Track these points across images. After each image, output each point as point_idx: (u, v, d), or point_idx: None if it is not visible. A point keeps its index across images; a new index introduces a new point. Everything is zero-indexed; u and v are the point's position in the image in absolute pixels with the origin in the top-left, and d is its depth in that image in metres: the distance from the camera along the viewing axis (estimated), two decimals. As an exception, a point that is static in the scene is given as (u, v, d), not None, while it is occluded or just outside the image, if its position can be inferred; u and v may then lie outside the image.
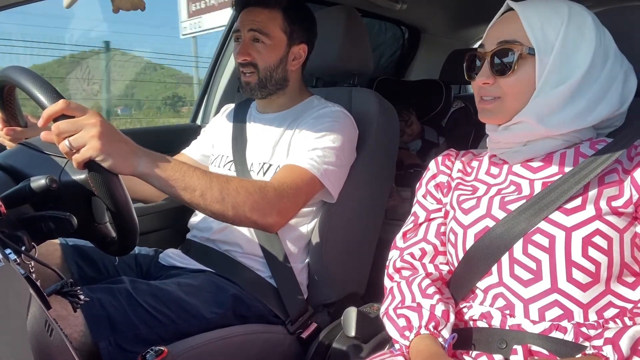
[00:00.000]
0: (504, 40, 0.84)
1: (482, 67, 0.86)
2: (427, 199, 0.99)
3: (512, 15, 0.86)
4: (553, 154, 0.86)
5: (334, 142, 1.22)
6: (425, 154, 2.50)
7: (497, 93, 0.85)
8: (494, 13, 0.90)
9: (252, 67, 1.28)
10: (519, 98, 0.84)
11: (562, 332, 0.77)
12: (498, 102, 0.86)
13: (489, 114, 0.88)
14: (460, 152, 1.01)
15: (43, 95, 0.80)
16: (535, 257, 0.79)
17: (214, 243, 1.31)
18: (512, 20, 0.85)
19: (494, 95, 0.86)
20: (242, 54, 1.28)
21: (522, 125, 0.85)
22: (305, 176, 1.16)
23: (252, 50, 1.28)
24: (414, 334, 0.81)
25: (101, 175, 0.82)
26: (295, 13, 1.31)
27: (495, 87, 0.85)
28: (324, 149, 1.20)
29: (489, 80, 0.85)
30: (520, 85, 0.83)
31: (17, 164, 0.88)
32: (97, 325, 0.98)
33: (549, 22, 0.82)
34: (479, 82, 0.86)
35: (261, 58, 1.28)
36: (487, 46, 0.87)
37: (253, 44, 1.28)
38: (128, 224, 0.87)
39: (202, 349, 1.07)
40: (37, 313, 0.56)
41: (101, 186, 0.82)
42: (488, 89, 0.86)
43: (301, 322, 1.26)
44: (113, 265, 1.28)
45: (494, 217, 0.84)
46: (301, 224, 1.31)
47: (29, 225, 0.82)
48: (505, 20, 0.86)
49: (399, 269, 0.95)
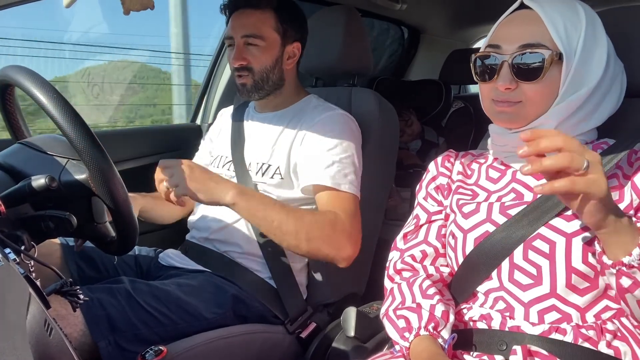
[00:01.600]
0: (528, 44, 0.78)
1: (502, 71, 0.80)
2: (428, 201, 0.98)
3: (530, 15, 0.81)
4: None
5: (347, 151, 1.23)
6: (425, 154, 2.50)
7: (519, 98, 0.80)
8: (494, 13, 0.88)
9: (247, 70, 1.28)
10: (542, 103, 0.80)
11: (561, 334, 0.77)
12: (518, 106, 0.81)
13: (507, 118, 0.83)
14: (460, 153, 1.00)
15: (42, 94, 0.80)
16: (536, 263, 0.79)
17: (212, 243, 1.31)
18: (532, 21, 0.80)
19: (514, 100, 0.81)
20: (237, 59, 1.27)
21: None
22: (350, 198, 1.20)
23: (247, 54, 1.27)
24: (414, 335, 0.81)
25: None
26: (286, 12, 1.30)
27: (517, 92, 0.80)
28: (343, 161, 1.21)
29: (511, 85, 0.80)
30: (545, 91, 0.80)
31: (17, 164, 0.88)
32: (96, 325, 0.98)
33: (571, 24, 0.79)
34: (500, 87, 0.80)
35: (256, 61, 1.27)
36: (506, 48, 0.80)
37: (247, 47, 1.27)
38: (127, 224, 0.87)
39: (201, 348, 1.07)
40: (37, 312, 0.56)
41: (101, 185, 0.82)
42: (508, 94, 0.81)
43: (300, 322, 1.25)
44: (113, 265, 1.28)
45: (494, 221, 0.84)
46: (301, 223, 1.31)
47: (29, 224, 0.81)
48: (525, 21, 0.81)
49: (400, 270, 0.94)
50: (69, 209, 0.83)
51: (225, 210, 1.30)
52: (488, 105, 0.86)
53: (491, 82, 0.82)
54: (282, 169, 1.27)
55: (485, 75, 0.84)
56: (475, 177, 0.94)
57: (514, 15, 0.84)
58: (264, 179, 1.29)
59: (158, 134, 1.89)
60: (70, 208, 0.83)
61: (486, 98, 0.85)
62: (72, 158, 0.87)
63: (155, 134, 1.88)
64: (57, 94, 0.80)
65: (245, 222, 1.28)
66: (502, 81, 0.80)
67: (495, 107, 0.84)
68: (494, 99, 0.83)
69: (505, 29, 0.83)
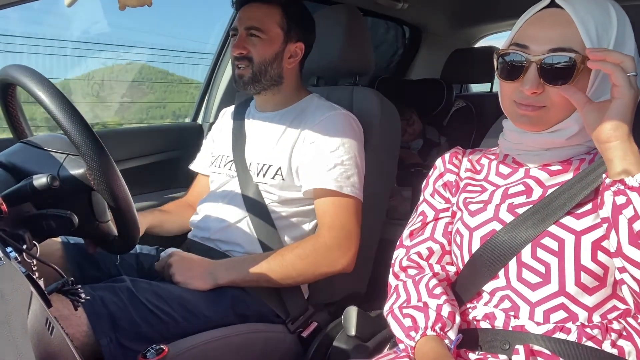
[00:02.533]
0: (559, 47, 0.75)
1: (529, 73, 0.77)
2: (435, 198, 0.97)
3: (561, 15, 0.77)
4: (572, 159, 0.83)
5: (350, 152, 1.24)
6: (426, 153, 2.50)
7: (543, 102, 0.78)
8: (495, 13, 0.88)
9: (246, 60, 1.29)
10: (566, 108, 0.78)
11: (565, 333, 0.76)
12: (543, 111, 0.78)
13: (529, 121, 0.80)
14: (468, 150, 0.99)
15: (44, 93, 0.80)
16: (545, 261, 0.78)
17: (214, 243, 1.31)
18: (564, 23, 0.76)
19: (539, 104, 0.78)
20: (237, 47, 1.29)
21: (559, 134, 0.80)
22: (350, 201, 1.23)
23: (248, 44, 1.29)
24: (420, 335, 0.80)
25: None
26: (293, 11, 1.32)
27: (543, 96, 0.77)
28: (346, 163, 1.22)
29: (538, 89, 0.77)
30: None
31: (19, 163, 0.88)
32: (99, 323, 0.99)
33: (602, 27, 0.76)
34: (526, 91, 0.77)
35: (256, 52, 1.28)
36: (534, 49, 0.77)
37: (249, 38, 1.29)
38: (129, 222, 0.87)
39: (202, 347, 1.07)
40: (38, 311, 0.56)
41: (99, 179, 0.82)
42: (533, 98, 0.78)
43: (301, 321, 1.26)
44: (114, 265, 1.28)
45: (501, 220, 0.83)
46: (302, 223, 1.31)
47: (30, 223, 0.81)
48: (556, 22, 0.77)
49: (405, 267, 0.94)
50: (71, 208, 0.83)
51: (227, 210, 1.31)
52: (509, 105, 0.83)
53: (516, 81, 0.79)
54: (284, 169, 1.27)
55: (509, 74, 0.80)
56: (485, 173, 0.93)
57: (543, 14, 0.79)
58: (265, 179, 1.29)
59: (159, 133, 1.89)
60: (72, 207, 0.83)
61: (507, 98, 0.83)
62: (71, 153, 0.87)
63: (156, 133, 1.88)
64: (57, 92, 0.81)
65: (247, 222, 1.29)
66: (528, 84, 0.77)
67: (517, 110, 0.81)
68: (516, 100, 0.80)
69: (534, 29, 0.79)
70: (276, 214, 1.28)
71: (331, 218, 1.22)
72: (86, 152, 0.80)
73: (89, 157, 0.80)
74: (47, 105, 0.79)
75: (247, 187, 1.30)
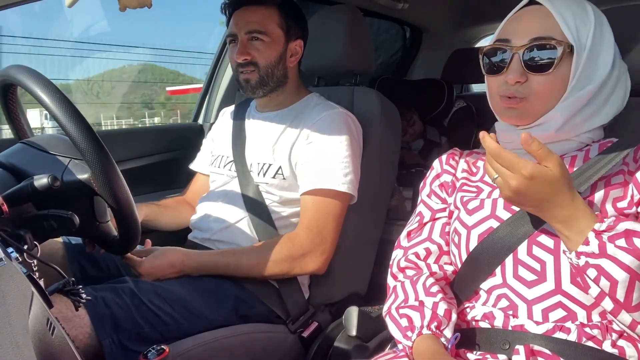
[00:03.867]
0: (540, 37, 0.79)
1: (513, 64, 0.80)
2: (432, 199, 0.98)
3: (540, 10, 0.81)
4: (564, 156, 0.84)
5: (347, 150, 1.23)
6: (427, 154, 2.50)
7: (526, 93, 0.80)
8: (496, 12, 0.88)
9: (252, 65, 1.28)
10: (549, 99, 0.81)
11: (565, 333, 0.76)
12: (526, 102, 0.81)
13: (515, 114, 0.83)
14: (465, 152, 1.00)
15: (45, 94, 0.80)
16: (540, 259, 0.79)
17: (214, 244, 1.31)
18: (543, 16, 0.80)
19: (522, 95, 0.81)
20: (241, 54, 1.27)
21: (545, 126, 0.82)
22: (337, 197, 1.23)
23: (251, 49, 1.27)
24: (416, 334, 0.81)
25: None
26: (289, 9, 1.32)
27: (526, 87, 0.80)
28: (342, 161, 1.22)
29: (521, 78, 0.79)
30: (553, 85, 0.80)
31: (19, 163, 0.88)
32: (101, 324, 0.99)
33: (580, 20, 0.80)
34: (510, 80, 0.80)
35: (261, 56, 1.27)
36: (516, 41, 0.80)
37: (251, 42, 1.28)
38: (130, 223, 0.87)
39: (203, 348, 1.07)
40: (39, 312, 0.56)
41: (103, 186, 0.82)
42: (517, 89, 0.80)
43: (302, 321, 1.26)
44: (115, 265, 1.28)
45: (499, 217, 0.84)
46: (303, 223, 1.31)
47: (31, 224, 0.82)
48: (535, 15, 0.81)
49: (403, 268, 0.94)
50: (71, 208, 0.83)
51: (227, 211, 1.31)
52: (496, 102, 0.85)
53: (501, 75, 0.82)
54: (284, 169, 1.27)
55: (494, 68, 0.83)
56: (481, 174, 0.94)
57: (522, 12, 0.84)
58: (265, 179, 1.29)
59: (160, 134, 1.89)
60: (73, 207, 0.84)
61: (494, 94, 0.85)
62: (75, 157, 0.87)
63: (157, 134, 1.89)
64: (60, 94, 0.81)
65: (247, 223, 1.29)
66: (512, 74, 0.80)
67: (502, 104, 0.83)
68: (502, 94, 0.83)
69: (514, 24, 0.83)
70: (276, 214, 1.28)
71: (309, 220, 1.22)
72: (91, 159, 0.80)
73: (94, 164, 0.81)
74: (52, 111, 0.80)
75: (247, 188, 1.30)
